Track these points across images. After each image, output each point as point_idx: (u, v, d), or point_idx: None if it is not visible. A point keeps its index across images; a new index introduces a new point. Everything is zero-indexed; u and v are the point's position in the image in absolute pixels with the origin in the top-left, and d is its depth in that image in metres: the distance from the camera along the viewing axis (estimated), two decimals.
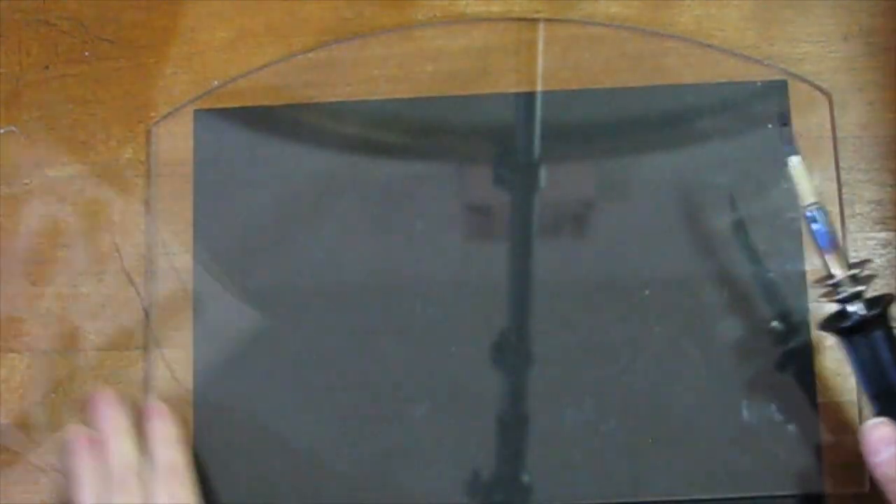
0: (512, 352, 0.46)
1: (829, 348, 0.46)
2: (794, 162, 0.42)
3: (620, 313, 0.46)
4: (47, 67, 0.51)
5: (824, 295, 0.41)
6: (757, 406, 0.45)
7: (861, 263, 0.41)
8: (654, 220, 0.47)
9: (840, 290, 0.41)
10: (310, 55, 0.50)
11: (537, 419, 0.46)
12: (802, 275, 0.46)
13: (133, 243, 0.49)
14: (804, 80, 0.48)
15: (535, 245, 0.48)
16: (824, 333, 0.43)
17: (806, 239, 0.45)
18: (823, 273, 0.41)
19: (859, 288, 0.40)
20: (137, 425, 0.44)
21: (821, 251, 0.41)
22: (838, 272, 0.41)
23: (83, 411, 0.45)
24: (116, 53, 0.51)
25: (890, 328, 0.40)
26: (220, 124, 0.49)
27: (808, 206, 0.41)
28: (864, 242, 0.47)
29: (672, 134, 0.48)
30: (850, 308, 0.40)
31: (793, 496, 0.43)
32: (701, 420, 0.45)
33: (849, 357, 0.40)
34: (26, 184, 0.50)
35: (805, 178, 0.42)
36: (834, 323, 0.41)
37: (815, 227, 0.41)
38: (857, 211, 0.47)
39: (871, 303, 0.40)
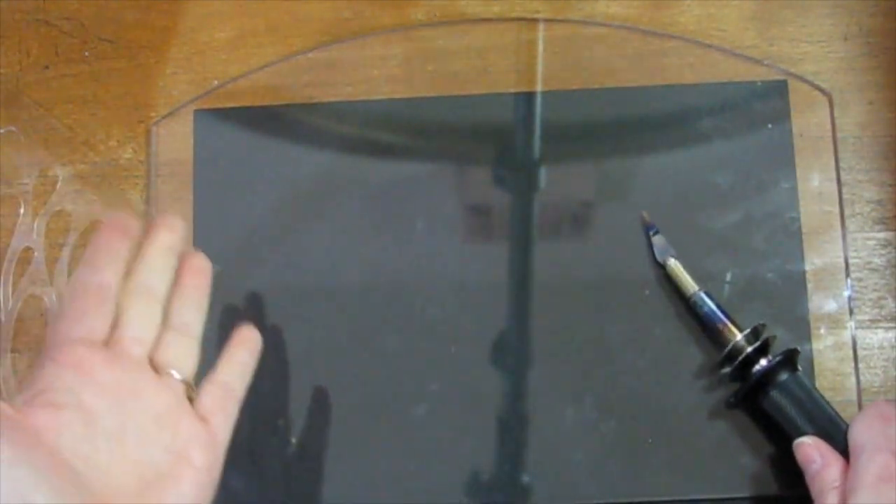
0: (512, 352, 0.46)
1: (829, 348, 0.46)
2: (672, 263, 0.45)
3: (620, 313, 0.46)
4: (47, 67, 0.51)
5: (733, 371, 0.44)
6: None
7: (757, 327, 0.43)
8: (654, 219, 0.47)
9: (743, 352, 0.43)
10: (310, 55, 0.50)
11: (537, 419, 0.46)
12: (802, 275, 0.46)
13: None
14: (804, 80, 0.48)
15: (535, 245, 0.48)
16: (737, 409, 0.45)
17: (696, 323, 0.46)
18: (723, 349, 0.44)
19: (759, 343, 0.43)
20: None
21: (716, 328, 0.44)
22: (737, 336, 0.43)
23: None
24: (116, 53, 0.51)
25: (796, 370, 0.42)
26: (220, 124, 0.49)
27: (692, 295, 0.44)
28: (863, 242, 0.47)
29: (672, 134, 0.48)
30: (755, 368, 0.43)
31: (793, 496, 0.43)
32: (700, 420, 0.45)
33: (774, 414, 0.42)
34: (26, 184, 0.50)
35: (683, 274, 0.45)
36: (742, 385, 0.43)
37: (704, 310, 0.44)
38: (857, 211, 0.47)
39: (777, 356, 0.42)
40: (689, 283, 0.45)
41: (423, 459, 0.46)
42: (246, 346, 0.39)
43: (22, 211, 0.49)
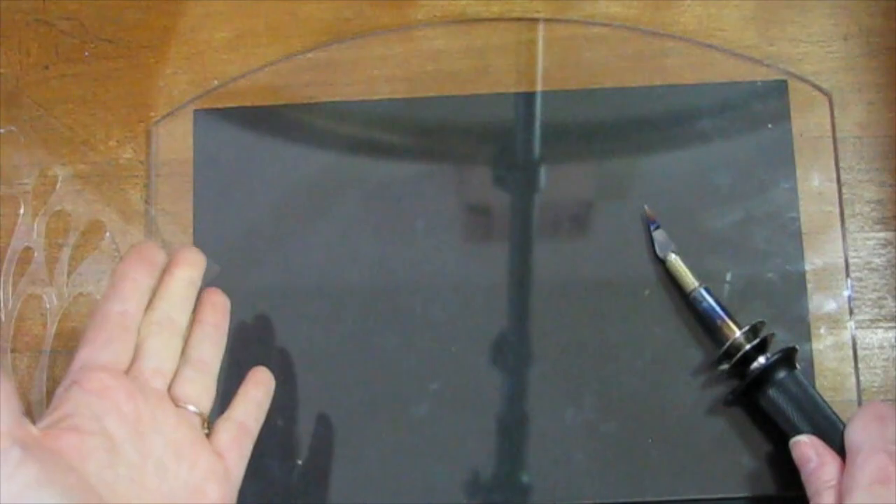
0: (512, 352, 0.46)
1: (829, 348, 0.46)
2: (672, 259, 0.45)
3: (620, 313, 0.46)
4: (47, 67, 0.51)
5: (731, 368, 0.44)
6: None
7: (756, 325, 0.43)
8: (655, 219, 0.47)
9: (741, 349, 0.43)
10: (310, 55, 0.50)
11: (537, 419, 0.46)
12: (802, 275, 0.46)
13: (133, 243, 0.49)
14: (804, 80, 0.48)
15: (535, 245, 0.48)
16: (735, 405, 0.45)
17: (696, 319, 0.46)
18: (721, 345, 0.43)
19: (758, 340, 0.43)
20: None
21: (715, 324, 0.44)
22: (736, 333, 0.43)
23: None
24: (116, 53, 0.51)
25: (794, 369, 0.42)
26: (220, 124, 0.49)
27: (692, 290, 0.44)
28: (863, 242, 0.47)
29: (672, 134, 0.48)
30: (753, 365, 0.43)
31: (793, 496, 0.43)
32: (700, 420, 0.45)
33: (771, 412, 0.42)
34: (26, 184, 0.50)
35: (683, 270, 0.45)
36: (738, 382, 0.43)
37: (704, 306, 0.44)
38: (857, 211, 0.47)
39: (776, 354, 0.42)
40: (689, 279, 0.45)
41: (423, 459, 0.46)
42: (261, 386, 0.40)
43: (22, 211, 0.49)
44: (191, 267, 0.39)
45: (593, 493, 0.45)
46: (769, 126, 0.48)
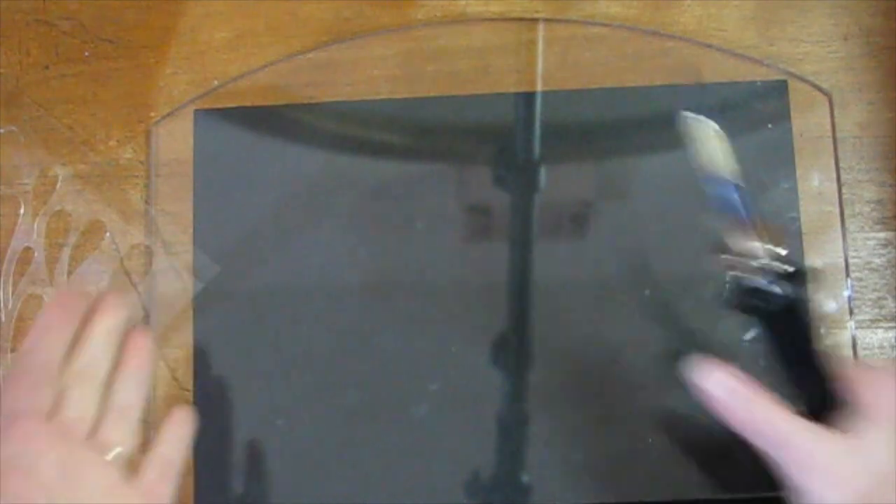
0: (512, 352, 0.46)
1: (830, 348, 0.45)
2: (707, 127, 0.38)
3: (620, 313, 0.46)
4: (47, 67, 0.51)
5: (741, 272, 0.38)
6: None
7: (779, 232, 0.38)
8: (654, 220, 0.47)
9: (761, 264, 0.37)
10: (310, 55, 0.50)
11: (537, 419, 0.46)
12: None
13: (133, 243, 0.49)
14: (804, 80, 0.48)
15: (535, 245, 0.48)
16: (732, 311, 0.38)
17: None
18: (738, 245, 0.38)
19: (785, 267, 0.37)
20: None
21: (741, 223, 0.38)
22: (757, 245, 0.37)
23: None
24: (116, 53, 0.51)
25: (806, 308, 0.38)
26: (220, 124, 0.49)
27: (722, 176, 0.39)
28: (864, 242, 0.47)
29: (672, 134, 0.48)
30: (775, 288, 0.37)
31: None
32: (700, 420, 0.45)
33: (766, 337, 0.38)
34: (26, 184, 0.50)
35: (724, 145, 0.38)
36: (755, 303, 0.38)
37: (734, 196, 0.39)
38: (857, 211, 0.47)
39: (789, 280, 0.37)
40: (722, 162, 0.38)
41: (423, 459, 0.46)
42: (182, 423, 0.41)
43: (22, 211, 0.49)
44: (111, 315, 0.40)
45: (593, 493, 0.45)
46: (769, 126, 0.48)
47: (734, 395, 0.37)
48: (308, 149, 0.49)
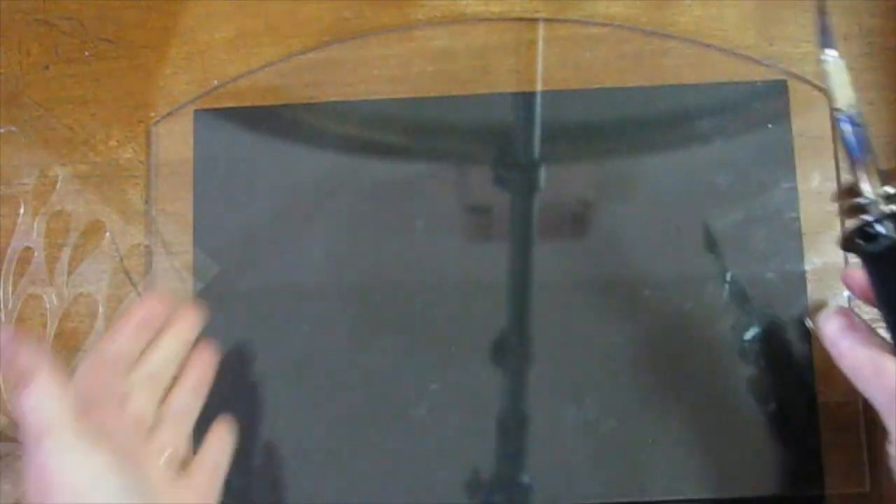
0: (512, 352, 0.46)
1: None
2: (831, 59, 0.37)
3: (620, 313, 0.46)
4: (47, 67, 0.51)
5: (848, 211, 0.36)
6: (757, 406, 0.45)
7: (889, 173, 0.36)
8: (654, 220, 0.47)
9: (870, 206, 0.35)
10: (310, 55, 0.50)
11: (537, 419, 0.46)
12: (802, 275, 0.46)
13: (133, 243, 0.49)
14: (804, 80, 0.48)
15: (535, 245, 0.48)
16: (847, 252, 0.39)
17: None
18: (849, 185, 0.36)
19: (892, 207, 0.35)
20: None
21: (852, 161, 0.36)
22: (868, 187, 0.35)
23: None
24: (116, 53, 0.51)
25: None
26: (220, 124, 0.49)
27: (840, 108, 0.37)
28: None
29: (672, 134, 0.48)
30: (880, 228, 0.35)
31: (793, 496, 0.43)
32: (701, 420, 0.45)
33: (870, 278, 0.36)
34: (26, 184, 0.50)
35: (843, 76, 0.37)
36: (860, 243, 0.36)
37: (848, 131, 0.36)
38: None
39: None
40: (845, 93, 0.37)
41: (423, 459, 0.46)
42: (224, 433, 0.43)
43: (22, 211, 0.49)
44: (185, 327, 0.42)
45: (593, 493, 0.45)
46: (769, 126, 0.48)
47: (843, 334, 0.37)
48: (308, 149, 0.49)
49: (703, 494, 0.44)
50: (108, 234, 0.49)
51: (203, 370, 0.43)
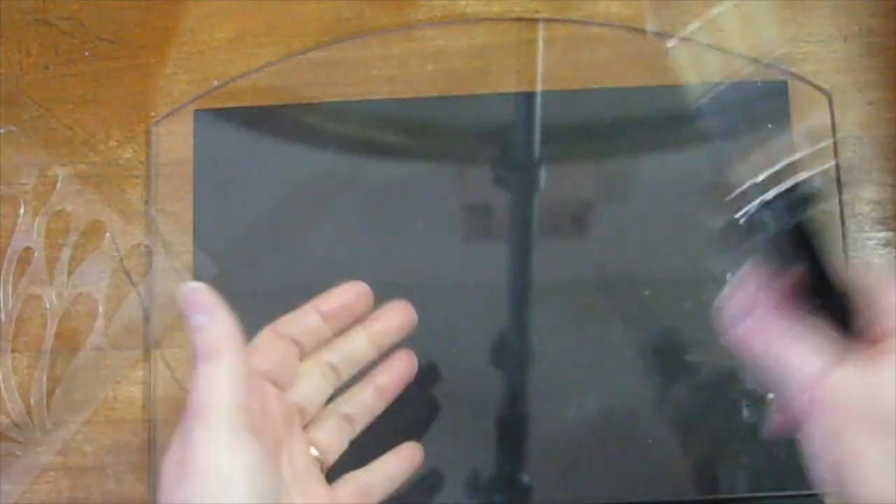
0: (512, 352, 0.46)
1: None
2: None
3: (620, 313, 0.46)
4: (47, 67, 0.51)
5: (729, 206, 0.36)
6: (757, 406, 0.45)
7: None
8: (654, 220, 0.47)
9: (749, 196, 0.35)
10: (310, 55, 0.50)
11: (537, 419, 0.46)
12: None
13: (133, 243, 0.49)
14: (804, 80, 0.48)
15: (535, 245, 0.48)
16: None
17: None
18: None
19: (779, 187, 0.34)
20: None
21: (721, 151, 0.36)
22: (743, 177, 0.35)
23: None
24: (116, 53, 0.51)
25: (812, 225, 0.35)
26: (220, 124, 0.49)
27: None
28: (863, 242, 0.47)
29: (672, 134, 0.48)
30: (764, 216, 0.35)
31: (793, 496, 0.43)
32: (701, 420, 0.45)
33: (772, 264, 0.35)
34: (26, 184, 0.50)
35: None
36: (751, 231, 0.35)
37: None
38: (857, 211, 0.47)
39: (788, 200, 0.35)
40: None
41: (424, 459, 0.46)
42: (405, 461, 0.40)
43: (22, 211, 0.49)
44: (389, 325, 0.39)
45: (593, 493, 0.45)
46: (769, 126, 0.48)
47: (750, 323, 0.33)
48: (308, 149, 0.49)
49: (703, 494, 0.44)
50: (108, 234, 0.49)
51: (394, 378, 0.39)
